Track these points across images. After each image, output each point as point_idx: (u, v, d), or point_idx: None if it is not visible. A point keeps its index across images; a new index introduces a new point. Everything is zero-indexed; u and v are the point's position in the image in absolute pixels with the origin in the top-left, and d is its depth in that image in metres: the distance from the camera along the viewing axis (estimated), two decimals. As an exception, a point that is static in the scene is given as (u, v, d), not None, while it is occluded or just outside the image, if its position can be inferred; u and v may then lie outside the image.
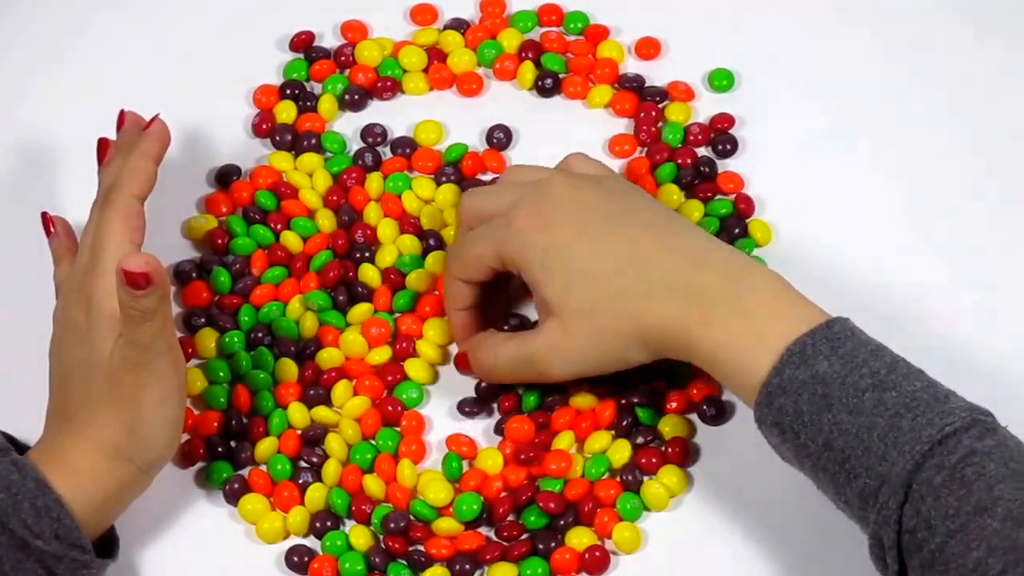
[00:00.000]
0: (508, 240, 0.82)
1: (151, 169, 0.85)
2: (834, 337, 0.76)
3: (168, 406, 0.80)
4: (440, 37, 0.98)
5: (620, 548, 0.84)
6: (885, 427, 0.73)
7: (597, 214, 0.82)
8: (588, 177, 0.85)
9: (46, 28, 0.99)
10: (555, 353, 0.82)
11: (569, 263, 0.81)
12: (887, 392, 0.74)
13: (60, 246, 0.87)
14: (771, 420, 0.77)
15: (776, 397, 0.76)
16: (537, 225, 0.82)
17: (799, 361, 0.76)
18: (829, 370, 0.75)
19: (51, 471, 0.78)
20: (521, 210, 0.82)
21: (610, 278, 0.80)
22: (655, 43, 0.98)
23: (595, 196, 0.83)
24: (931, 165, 0.95)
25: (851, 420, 0.74)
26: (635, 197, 0.84)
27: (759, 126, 0.96)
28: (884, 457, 0.73)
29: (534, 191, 0.83)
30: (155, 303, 0.77)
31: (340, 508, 0.84)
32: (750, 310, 0.78)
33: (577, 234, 0.81)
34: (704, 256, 0.80)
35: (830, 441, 0.75)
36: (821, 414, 0.75)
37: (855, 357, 0.75)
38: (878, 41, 0.98)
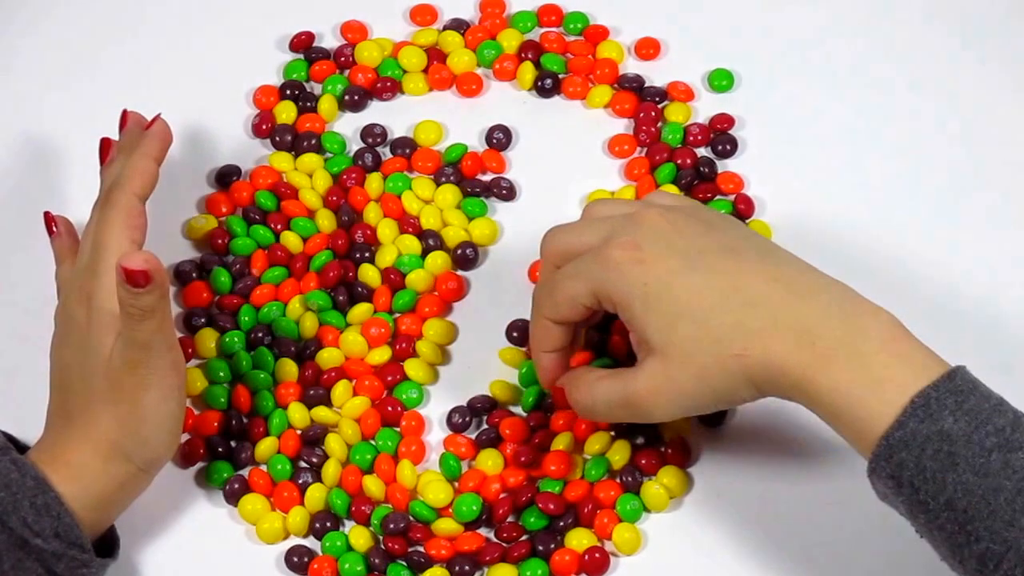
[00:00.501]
0: (604, 277, 0.78)
1: (152, 169, 0.85)
2: (957, 390, 0.73)
3: (168, 405, 0.80)
4: (440, 38, 0.98)
5: (620, 549, 0.84)
6: (1012, 491, 0.71)
7: (695, 246, 0.78)
8: (679, 209, 0.81)
9: (48, 29, 0.99)
10: (657, 394, 0.77)
11: (672, 299, 0.76)
12: (1014, 453, 0.72)
13: (62, 246, 0.87)
14: (888, 472, 0.73)
15: (897, 451, 0.73)
16: (635, 259, 0.77)
17: (924, 415, 0.72)
18: (955, 427, 0.72)
19: (51, 470, 0.78)
20: (617, 244, 0.78)
21: (716, 314, 0.76)
22: (655, 43, 0.98)
23: (691, 228, 0.78)
24: (933, 165, 0.95)
25: (977, 481, 0.71)
26: (731, 227, 0.80)
27: (759, 127, 0.96)
28: (1011, 523, 0.71)
29: (627, 224, 0.79)
30: (154, 301, 0.77)
31: (340, 509, 0.84)
32: (868, 355, 0.74)
33: (678, 268, 0.77)
34: (813, 291, 0.76)
35: (953, 501, 0.72)
36: (945, 472, 0.72)
37: (980, 413, 0.73)
38: (878, 41, 0.98)
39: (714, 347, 0.76)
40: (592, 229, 0.80)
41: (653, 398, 0.78)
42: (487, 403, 0.88)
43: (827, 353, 0.74)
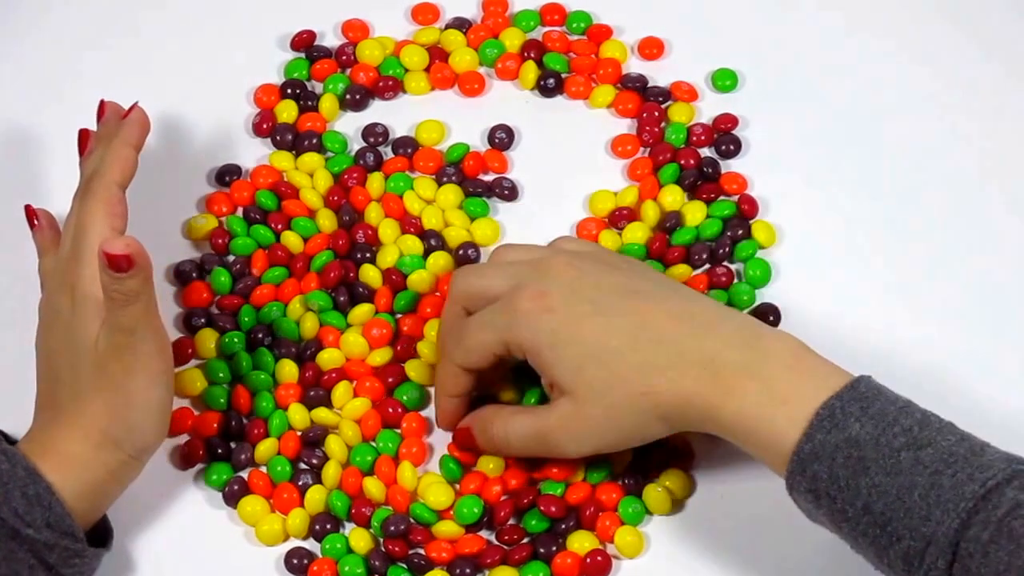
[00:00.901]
0: (513, 326, 0.80)
1: (131, 156, 0.84)
2: (861, 397, 0.74)
3: (156, 390, 0.79)
4: (442, 36, 0.98)
5: (623, 552, 0.83)
6: (926, 486, 0.72)
7: (601, 290, 0.80)
8: (584, 254, 0.83)
9: (49, 26, 0.99)
10: (569, 432, 0.80)
11: (580, 343, 0.79)
12: (923, 450, 0.73)
13: (44, 238, 0.87)
14: (805, 487, 0.75)
15: (809, 464, 0.74)
16: (543, 308, 0.79)
17: (830, 425, 0.74)
18: (861, 432, 0.73)
19: (41, 460, 0.78)
20: (524, 292, 0.80)
21: (623, 355, 0.78)
22: (658, 43, 0.98)
23: (596, 272, 0.81)
24: (939, 165, 0.94)
25: (889, 481, 0.72)
26: (635, 269, 0.83)
27: (763, 127, 0.96)
28: (928, 517, 0.71)
29: (534, 271, 0.81)
30: (138, 285, 0.77)
31: (340, 510, 0.84)
32: (771, 377, 0.76)
33: (584, 313, 0.79)
34: (715, 323, 0.78)
35: (869, 504, 0.73)
36: (858, 477, 0.73)
37: (886, 416, 0.74)
38: (882, 41, 0.98)
39: (622, 386, 0.78)
40: (500, 275, 0.82)
41: (565, 435, 0.80)
42: None
43: (731, 380, 0.76)
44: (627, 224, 0.92)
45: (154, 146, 0.94)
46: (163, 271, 0.91)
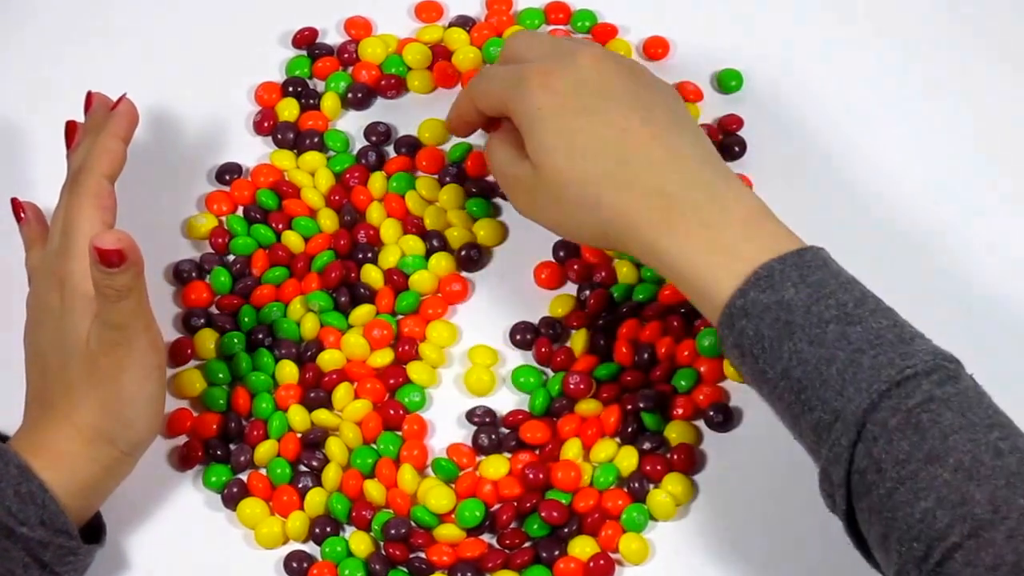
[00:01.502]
0: (512, 89, 0.81)
1: (120, 149, 0.84)
2: (805, 265, 0.75)
3: (149, 386, 0.79)
4: (445, 35, 0.97)
5: (628, 559, 0.83)
6: (845, 361, 0.72)
7: (607, 93, 0.80)
8: (621, 59, 0.83)
9: (41, 19, 0.98)
10: (524, 194, 0.82)
11: (555, 130, 0.80)
12: (852, 326, 0.73)
13: (31, 231, 0.86)
14: (732, 342, 0.76)
15: (738, 319, 0.75)
16: (542, 84, 0.80)
17: (765, 285, 0.75)
18: (795, 297, 0.74)
19: (34, 458, 0.78)
20: (537, 68, 0.81)
21: (590, 158, 0.79)
22: (663, 42, 0.97)
23: (614, 79, 0.81)
24: (943, 167, 0.94)
25: (811, 351, 0.73)
26: (657, 89, 0.82)
27: (768, 127, 0.95)
28: (840, 392, 0.72)
29: (560, 55, 0.82)
30: (130, 280, 0.76)
31: (340, 513, 0.84)
32: (722, 227, 0.77)
33: (575, 106, 0.80)
34: (693, 163, 0.79)
35: (788, 369, 0.74)
36: (782, 341, 0.74)
37: (824, 287, 0.74)
38: (888, 42, 0.98)
39: (578, 187, 0.79)
40: (542, 47, 0.83)
41: (522, 195, 0.83)
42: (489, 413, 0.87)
43: (681, 220, 0.77)
44: (631, 225, 0.91)
45: (154, 144, 0.93)
46: (162, 270, 0.90)
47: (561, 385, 0.87)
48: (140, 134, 0.90)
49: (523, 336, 0.89)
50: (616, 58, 0.83)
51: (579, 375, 0.86)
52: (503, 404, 0.87)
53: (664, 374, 0.87)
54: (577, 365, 0.87)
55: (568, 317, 0.89)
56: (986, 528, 0.68)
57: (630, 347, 0.87)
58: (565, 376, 0.87)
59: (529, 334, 0.89)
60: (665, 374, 0.87)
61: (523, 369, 0.88)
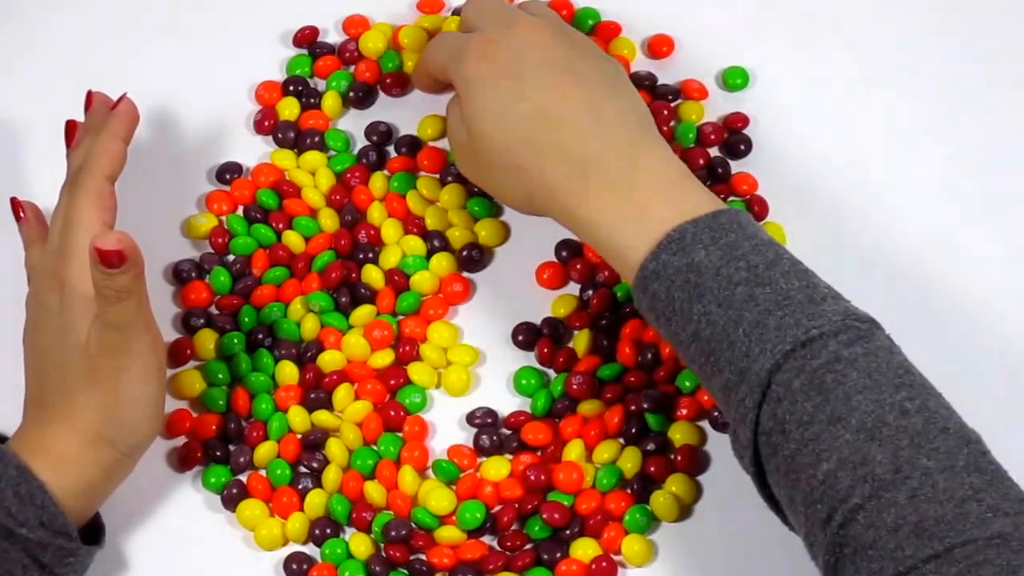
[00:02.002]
0: (453, 57, 0.83)
1: (120, 149, 0.84)
2: (718, 227, 0.75)
3: (149, 387, 0.79)
4: (444, 24, 0.96)
5: (630, 562, 0.83)
6: (752, 322, 0.73)
7: (541, 60, 0.82)
8: (566, 31, 0.84)
9: (42, 19, 0.98)
10: (460, 152, 0.85)
11: (483, 96, 0.81)
12: (761, 287, 0.73)
13: (31, 231, 0.86)
14: (646, 305, 0.76)
15: (651, 282, 0.76)
16: (481, 54, 0.82)
17: (677, 247, 0.75)
18: (706, 259, 0.74)
19: (33, 459, 0.77)
20: (481, 37, 0.83)
21: (515, 124, 0.80)
22: (668, 40, 0.97)
23: (552, 45, 0.82)
24: (948, 166, 0.93)
25: (720, 312, 0.74)
26: (593, 58, 0.83)
27: (774, 126, 0.94)
28: (747, 353, 0.72)
29: (502, 22, 0.83)
30: (130, 281, 0.76)
31: (340, 515, 0.83)
32: (636, 189, 0.78)
33: (510, 72, 0.81)
34: (615, 127, 0.80)
35: (698, 331, 0.74)
36: (692, 303, 0.74)
37: (736, 249, 0.75)
38: (894, 40, 0.97)
39: (502, 151, 0.81)
40: (491, 16, 0.84)
41: (457, 151, 0.85)
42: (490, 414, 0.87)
43: (598, 184, 0.78)
44: (634, 224, 0.91)
45: (154, 143, 0.93)
46: (162, 270, 0.90)
47: (563, 386, 0.86)
48: (140, 133, 0.90)
49: (525, 337, 0.88)
50: (557, 27, 0.84)
51: (582, 376, 0.86)
52: (504, 405, 0.87)
53: (667, 374, 0.86)
54: (580, 366, 0.87)
55: (570, 317, 0.89)
56: (887, 488, 0.68)
57: (633, 347, 0.87)
58: (568, 377, 0.86)
59: (531, 335, 0.88)
60: (668, 374, 0.86)
61: (525, 371, 0.87)
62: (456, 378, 0.87)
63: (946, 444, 0.69)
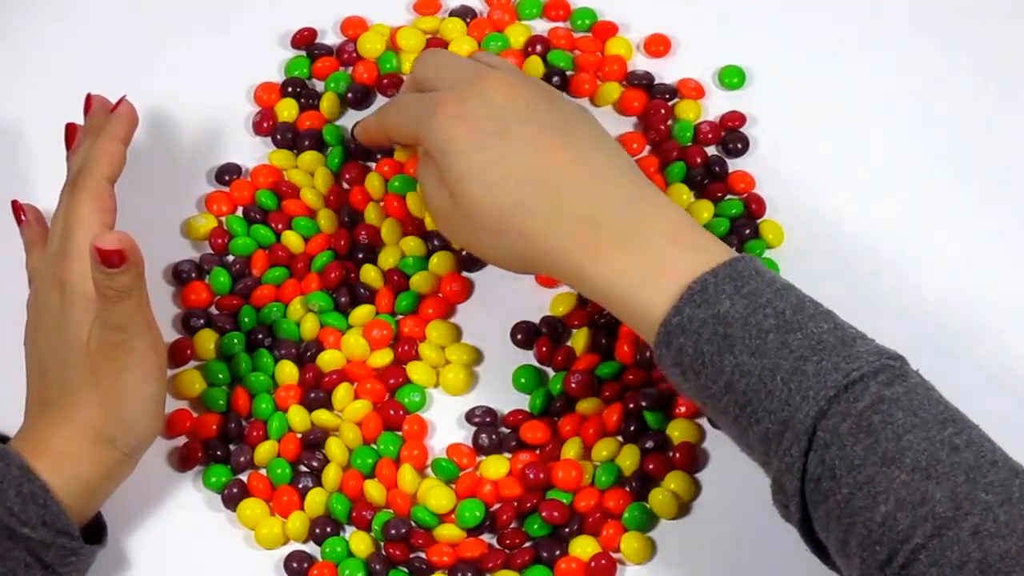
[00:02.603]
0: (423, 120, 0.80)
1: (120, 150, 0.84)
2: (738, 276, 0.74)
3: (150, 386, 0.79)
4: (441, 25, 0.96)
5: (629, 559, 0.83)
6: (789, 370, 0.71)
7: (519, 117, 0.79)
8: (533, 81, 0.82)
9: (40, 21, 0.98)
10: (446, 223, 0.81)
11: (468, 160, 0.78)
12: (792, 334, 0.72)
13: (32, 233, 0.86)
14: (671, 360, 0.75)
15: (676, 336, 0.74)
16: (454, 114, 0.79)
17: (700, 300, 0.73)
18: (732, 309, 0.73)
19: (35, 458, 0.78)
20: (447, 96, 0.80)
21: (507, 187, 0.77)
22: (664, 40, 0.97)
23: (526, 99, 0.80)
24: (946, 163, 0.93)
25: (754, 362, 0.72)
26: (568, 110, 0.81)
27: (771, 124, 0.95)
28: (787, 402, 0.71)
29: (470, 79, 0.80)
30: (130, 281, 0.76)
31: (340, 514, 0.83)
32: (647, 245, 0.75)
33: (490, 132, 0.78)
34: (609, 180, 0.78)
35: (732, 383, 0.73)
36: (723, 355, 0.73)
37: (759, 296, 0.73)
38: (891, 39, 0.97)
39: (496, 217, 0.78)
40: (449, 71, 0.82)
41: (443, 221, 0.81)
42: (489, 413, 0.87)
43: (607, 242, 0.76)
44: (632, 223, 0.91)
45: (153, 145, 0.93)
46: (162, 271, 0.90)
47: (562, 384, 0.86)
48: (140, 135, 0.90)
49: (524, 335, 0.88)
50: (526, 80, 0.82)
51: (580, 374, 0.86)
52: (503, 404, 0.87)
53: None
54: (578, 364, 0.87)
55: (569, 316, 0.89)
56: (949, 526, 0.67)
57: (632, 345, 0.87)
58: (566, 375, 0.86)
59: (530, 333, 0.88)
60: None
61: (524, 369, 0.87)
62: (455, 377, 0.87)
63: (999, 476, 0.69)
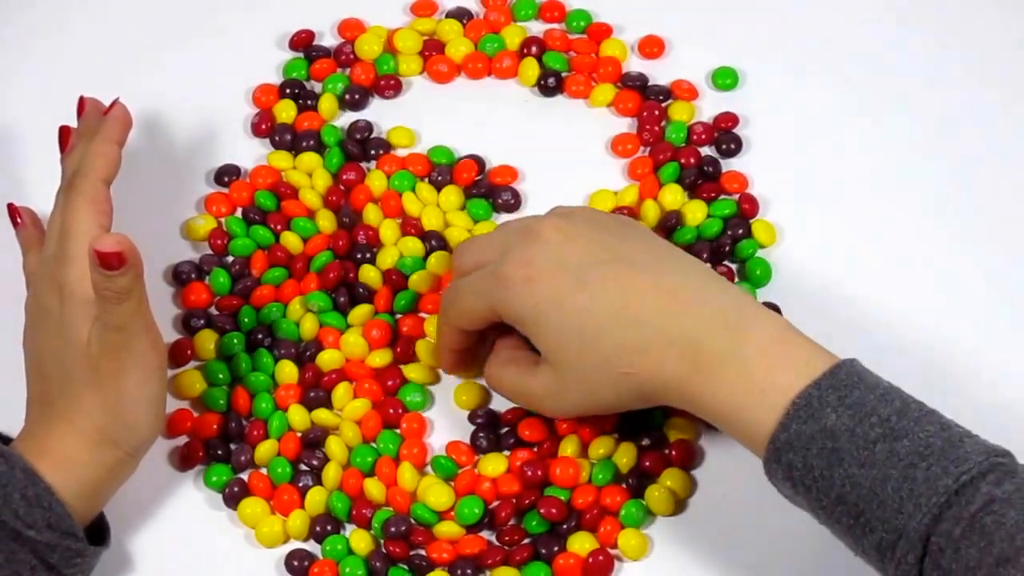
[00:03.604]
0: (498, 295, 0.80)
1: (115, 152, 0.84)
2: (840, 385, 0.74)
3: (150, 387, 0.79)
4: (438, 27, 0.97)
5: (627, 555, 0.83)
6: (899, 479, 0.71)
7: (587, 260, 0.79)
8: (578, 217, 0.82)
9: (36, 23, 0.98)
10: (550, 397, 0.81)
11: (560, 319, 0.78)
12: (899, 441, 0.72)
13: (28, 236, 0.87)
14: (781, 475, 0.74)
15: (784, 452, 0.74)
16: (525, 278, 0.79)
17: (806, 415, 0.73)
18: (838, 422, 0.73)
19: (38, 460, 0.78)
20: (509, 260, 0.80)
21: (604, 333, 0.78)
22: (658, 41, 0.97)
23: (584, 239, 0.80)
24: (939, 164, 0.94)
25: (863, 473, 0.72)
26: (627, 234, 0.81)
27: (763, 125, 0.95)
28: (900, 510, 0.71)
29: (523, 239, 0.80)
30: (129, 283, 0.77)
31: (340, 512, 0.84)
32: (749, 362, 0.75)
33: (567, 286, 0.78)
34: (700, 301, 0.77)
35: (843, 495, 0.72)
36: (832, 469, 0.73)
37: (864, 405, 0.73)
38: (884, 38, 0.98)
39: (602, 365, 0.78)
40: (494, 242, 0.82)
41: (547, 400, 0.81)
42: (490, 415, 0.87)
43: (710, 364, 0.76)
44: (628, 223, 0.91)
45: (153, 147, 0.93)
46: (162, 272, 0.91)
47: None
48: (139, 137, 0.90)
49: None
50: (571, 217, 0.81)
51: None
52: (501, 401, 0.87)
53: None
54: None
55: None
56: None
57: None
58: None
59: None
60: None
61: None
62: (467, 387, 0.88)
63: None
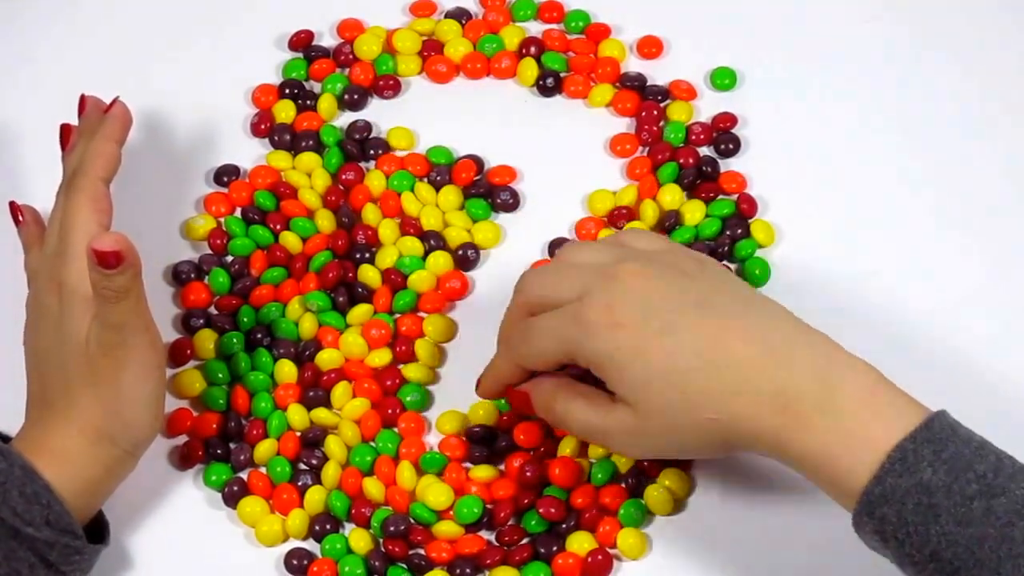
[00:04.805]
0: (579, 338, 0.77)
1: (115, 151, 0.84)
2: (936, 439, 0.72)
3: (148, 385, 0.79)
4: (437, 27, 0.97)
5: (625, 554, 0.83)
6: (997, 538, 0.70)
7: (670, 305, 0.77)
8: (658, 260, 0.79)
9: (35, 22, 0.98)
10: (627, 436, 0.78)
11: (645, 363, 0.76)
12: (996, 498, 0.71)
13: (29, 234, 0.87)
14: (872, 528, 0.73)
15: (878, 506, 0.73)
16: (609, 323, 0.76)
17: (901, 469, 0.72)
18: (934, 478, 0.72)
19: (37, 458, 0.78)
20: (592, 304, 0.77)
21: (689, 380, 0.76)
22: (657, 42, 0.98)
23: (666, 283, 0.78)
24: (938, 163, 0.94)
25: (960, 531, 0.71)
26: (709, 277, 0.79)
27: (762, 125, 0.95)
28: (997, 570, 0.70)
29: (603, 283, 0.78)
30: (128, 281, 0.77)
31: (340, 511, 0.84)
32: (843, 412, 0.74)
33: (652, 331, 0.76)
34: (789, 349, 0.76)
35: (938, 552, 0.71)
36: (928, 525, 0.71)
37: (959, 460, 0.72)
38: (882, 38, 0.98)
39: (688, 410, 0.76)
40: (568, 281, 0.79)
41: (623, 439, 0.79)
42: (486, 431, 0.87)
43: (801, 415, 0.74)
44: (626, 223, 0.92)
45: (152, 146, 0.94)
46: (161, 272, 0.91)
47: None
48: (139, 137, 0.90)
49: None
50: (650, 260, 0.79)
51: (577, 371, 0.86)
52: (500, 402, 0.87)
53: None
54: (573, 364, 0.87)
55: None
56: None
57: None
58: (563, 373, 0.87)
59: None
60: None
61: None
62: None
63: None
